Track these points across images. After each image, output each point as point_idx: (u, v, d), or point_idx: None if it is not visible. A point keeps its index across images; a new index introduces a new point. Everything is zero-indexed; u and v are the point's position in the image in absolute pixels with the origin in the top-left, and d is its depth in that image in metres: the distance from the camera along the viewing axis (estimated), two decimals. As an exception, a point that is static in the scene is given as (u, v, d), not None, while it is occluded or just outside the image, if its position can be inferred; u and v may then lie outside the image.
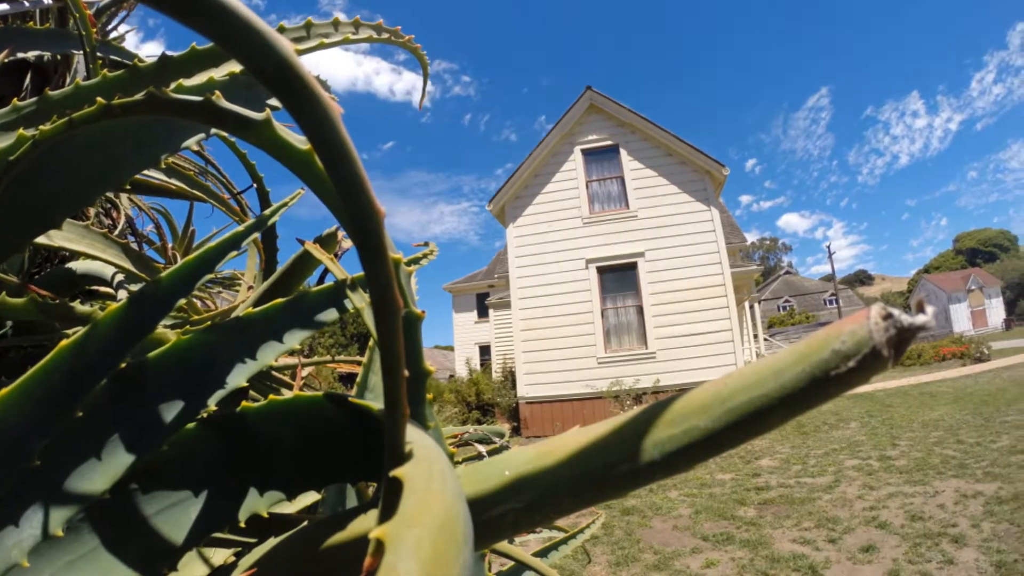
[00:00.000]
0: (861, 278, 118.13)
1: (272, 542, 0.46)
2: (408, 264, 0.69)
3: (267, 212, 0.63)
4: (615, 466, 0.24)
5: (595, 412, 11.33)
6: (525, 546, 0.99)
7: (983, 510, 4.91)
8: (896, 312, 0.22)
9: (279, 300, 0.45)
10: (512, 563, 0.80)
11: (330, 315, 0.47)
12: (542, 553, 0.95)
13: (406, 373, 0.23)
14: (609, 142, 13.05)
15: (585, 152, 13.15)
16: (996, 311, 53.13)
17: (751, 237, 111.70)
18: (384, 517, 0.24)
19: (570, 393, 11.83)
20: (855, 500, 5.72)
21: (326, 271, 0.72)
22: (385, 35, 0.67)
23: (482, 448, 0.89)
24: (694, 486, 6.95)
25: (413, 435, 0.26)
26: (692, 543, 5.07)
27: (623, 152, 12.88)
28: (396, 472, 0.22)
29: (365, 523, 0.34)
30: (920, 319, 0.21)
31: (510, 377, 14.21)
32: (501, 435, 1.01)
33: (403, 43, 0.72)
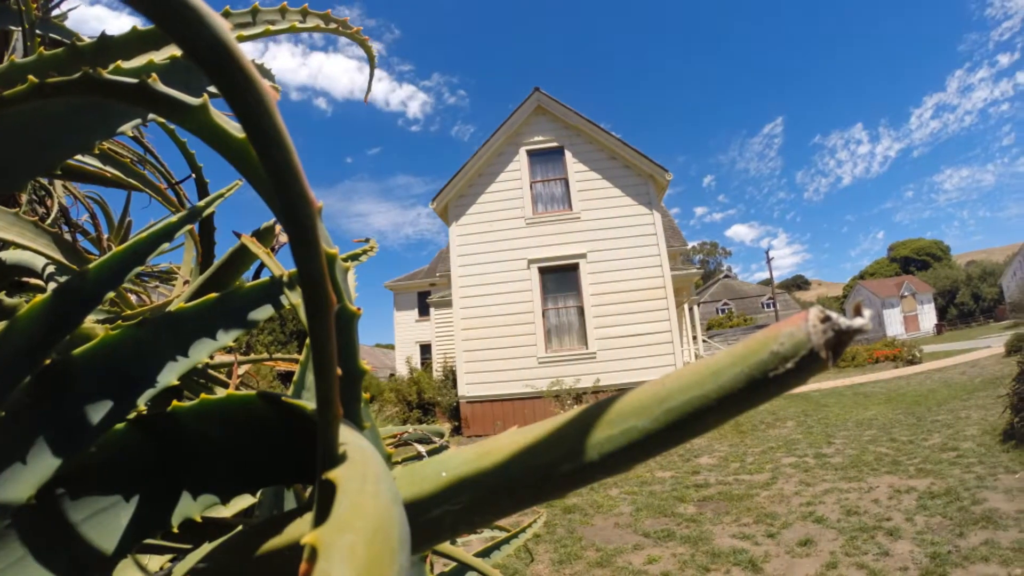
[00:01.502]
0: (799, 283, 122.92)
1: (207, 548, 0.44)
2: (347, 260, 0.67)
3: (201, 203, 0.61)
4: (554, 467, 0.24)
5: (536, 412, 11.43)
6: (467, 546, 0.99)
7: (916, 504, 5.15)
8: (834, 315, 0.22)
9: (212, 295, 0.43)
10: (454, 563, 0.79)
11: (265, 312, 0.45)
12: (484, 553, 0.94)
13: (339, 372, 0.22)
14: (555, 144, 13.17)
15: (530, 153, 13.23)
16: (928, 316, 56.01)
17: (703, 244, 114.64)
18: (318, 521, 0.23)
19: (511, 392, 11.87)
20: (792, 496, 5.93)
21: (262, 266, 0.70)
22: (333, 25, 0.66)
23: (422, 448, 0.89)
24: (635, 484, 7.08)
25: (347, 436, 0.25)
26: (634, 540, 5.16)
27: (568, 154, 13.02)
28: (329, 475, 0.21)
29: (302, 527, 0.33)
30: (858, 322, 0.22)
31: (451, 376, 14.13)
32: (441, 435, 1.00)
33: (351, 34, 0.70)
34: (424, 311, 25.15)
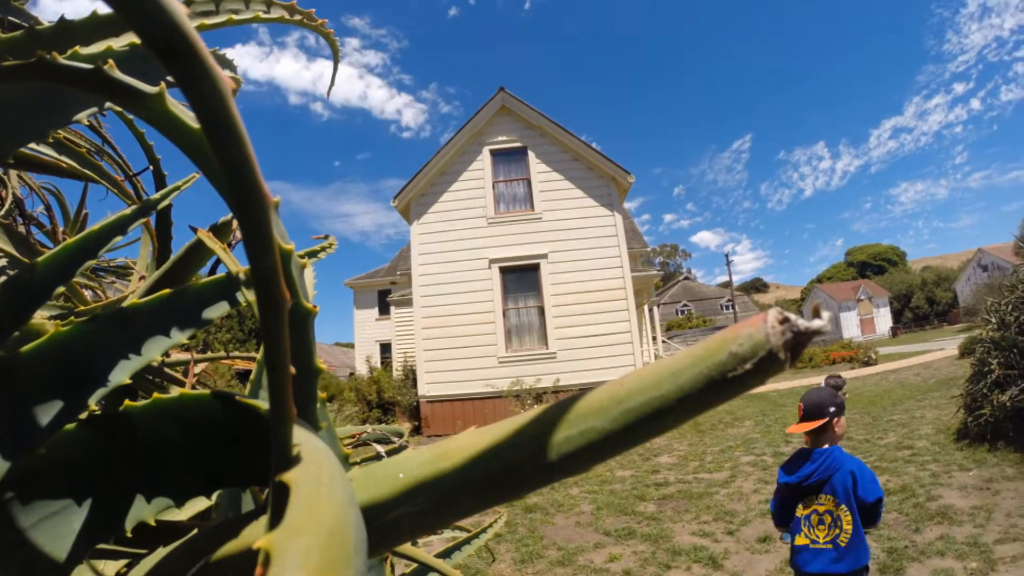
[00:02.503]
0: (757, 286, 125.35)
1: (161, 552, 0.43)
2: (305, 256, 0.66)
3: (156, 196, 0.59)
4: (512, 469, 0.24)
5: (496, 411, 11.42)
6: (428, 547, 0.98)
7: (872, 501, 5.29)
8: (793, 316, 0.22)
9: (165, 291, 0.41)
10: (415, 565, 0.79)
11: (220, 309, 0.44)
12: (445, 553, 0.94)
13: (293, 370, 0.22)
14: (518, 144, 13.15)
15: (494, 153, 13.19)
16: (884, 319, 57.65)
17: (663, 246, 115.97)
18: (272, 525, 0.23)
19: (471, 392, 11.85)
20: (751, 494, 6.04)
21: (218, 262, 0.68)
22: (297, 17, 0.64)
23: (380, 449, 0.88)
24: (595, 483, 7.13)
25: (301, 436, 0.24)
26: (595, 538, 5.20)
27: (531, 155, 13.03)
28: (282, 477, 0.20)
29: (258, 530, 0.32)
30: (816, 324, 0.22)
31: (411, 375, 14.00)
32: (400, 435, 0.99)
33: (315, 27, 0.69)
34: (384, 310, 24.80)
